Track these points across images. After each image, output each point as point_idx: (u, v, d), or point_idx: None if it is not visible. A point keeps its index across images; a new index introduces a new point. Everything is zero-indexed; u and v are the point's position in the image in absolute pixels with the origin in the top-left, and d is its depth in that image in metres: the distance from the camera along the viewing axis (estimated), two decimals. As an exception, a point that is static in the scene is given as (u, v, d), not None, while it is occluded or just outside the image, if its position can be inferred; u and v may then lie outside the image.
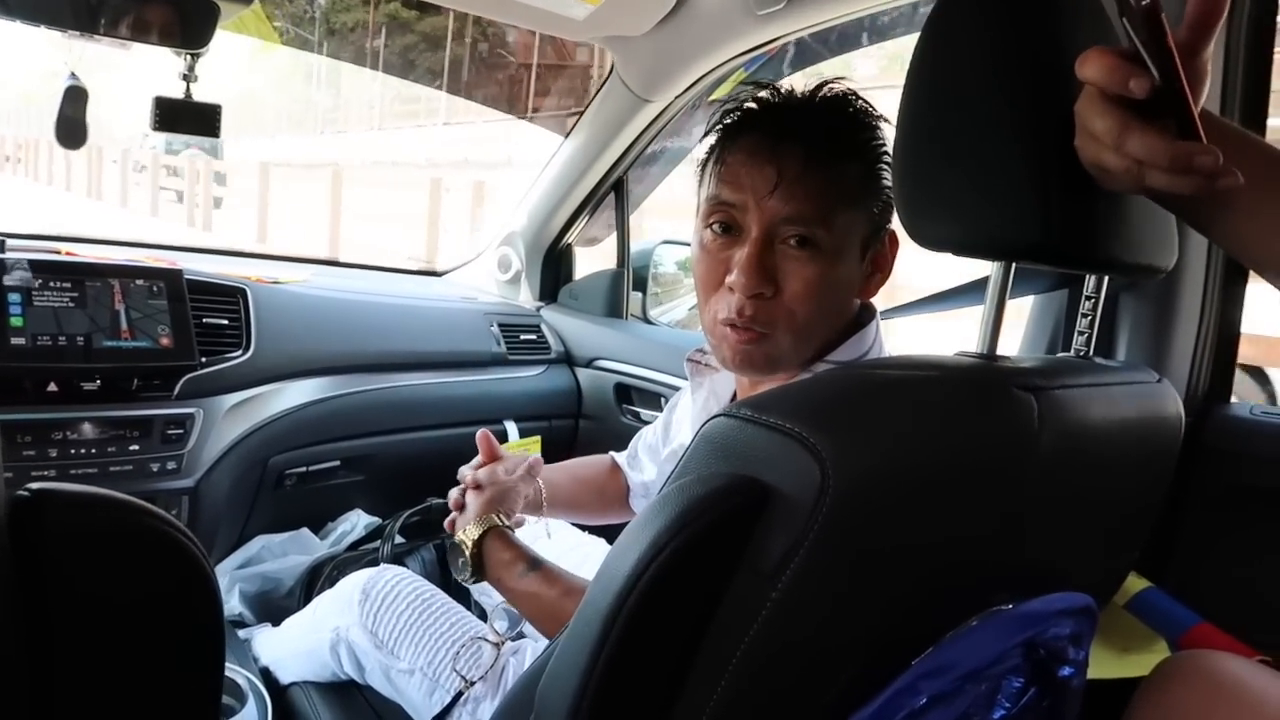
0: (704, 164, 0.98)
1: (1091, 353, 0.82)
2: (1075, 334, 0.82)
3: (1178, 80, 0.54)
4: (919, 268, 1.16)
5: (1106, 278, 0.82)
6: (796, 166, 0.89)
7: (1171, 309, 1.07)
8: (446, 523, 1.21)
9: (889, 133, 0.93)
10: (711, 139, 0.97)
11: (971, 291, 1.08)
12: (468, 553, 1.12)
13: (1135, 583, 1.05)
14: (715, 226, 0.94)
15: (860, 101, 0.94)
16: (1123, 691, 0.86)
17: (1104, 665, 0.97)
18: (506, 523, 1.15)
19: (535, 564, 1.08)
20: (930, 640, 0.66)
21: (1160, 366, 1.04)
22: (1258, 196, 0.59)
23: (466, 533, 1.13)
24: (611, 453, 1.43)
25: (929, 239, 0.68)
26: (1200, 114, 0.56)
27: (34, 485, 0.40)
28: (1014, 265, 0.69)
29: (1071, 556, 0.79)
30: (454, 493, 1.23)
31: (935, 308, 1.21)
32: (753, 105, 0.95)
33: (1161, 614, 1.04)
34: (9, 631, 0.37)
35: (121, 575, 0.42)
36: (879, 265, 0.97)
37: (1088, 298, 0.81)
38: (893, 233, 0.97)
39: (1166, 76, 0.54)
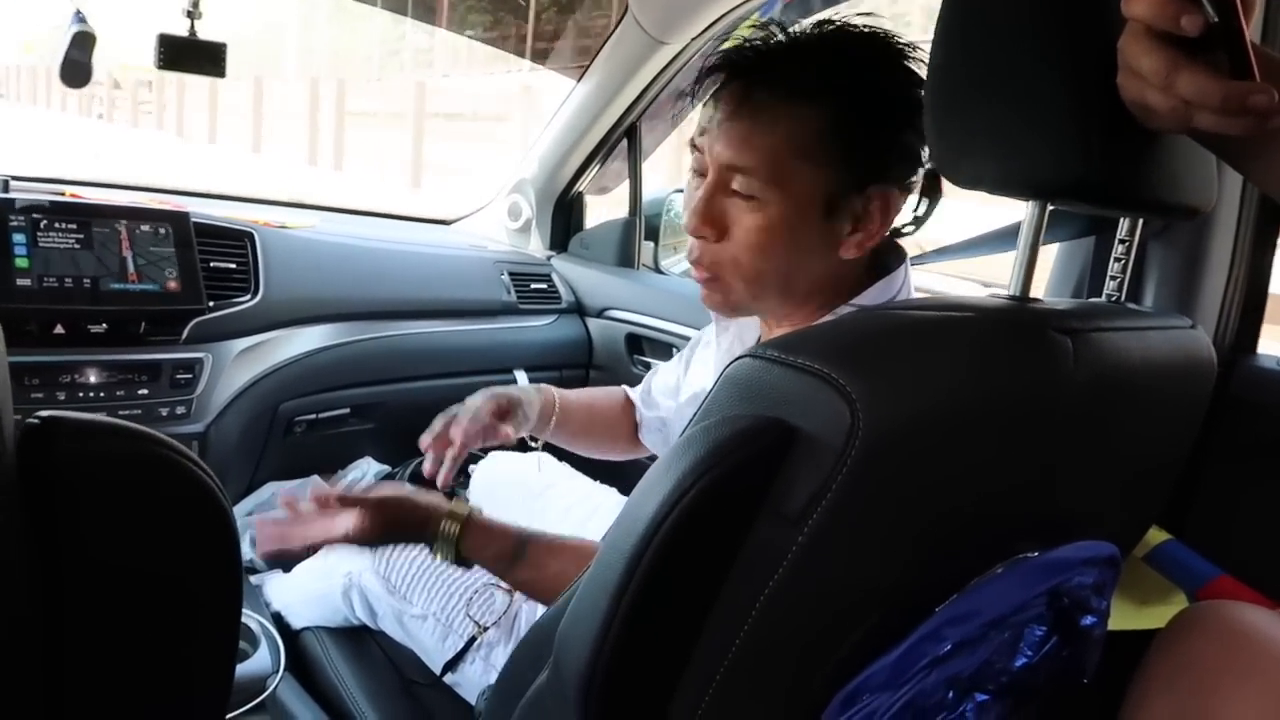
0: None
1: (1124, 299, 0.80)
2: (1107, 279, 0.80)
3: (1235, 17, 0.51)
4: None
5: (1141, 221, 0.79)
6: (734, 104, 0.86)
7: (1201, 257, 1.05)
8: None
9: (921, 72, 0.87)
10: None
11: (1001, 238, 1.06)
12: (451, 554, 1.01)
13: (1155, 535, 1.04)
14: (693, 167, 0.93)
15: (854, 44, 0.87)
16: (1140, 644, 0.86)
17: (1122, 617, 0.97)
18: (471, 507, 1.04)
19: (521, 544, 1.01)
20: (954, 587, 0.65)
21: (1189, 314, 1.02)
22: None
23: (445, 532, 1.01)
24: (624, 387, 1.41)
25: (964, 178, 0.66)
26: None
27: (43, 413, 0.39)
28: (1049, 206, 0.67)
29: (1099, 505, 0.78)
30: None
31: (966, 254, 1.19)
32: (733, 44, 0.91)
33: (1181, 566, 1.03)
34: (20, 561, 0.36)
35: (132, 503, 0.40)
36: (862, 226, 0.88)
37: (1121, 241, 0.79)
38: (887, 194, 0.88)
39: (1223, 13, 0.51)
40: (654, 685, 0.63)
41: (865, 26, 0.88)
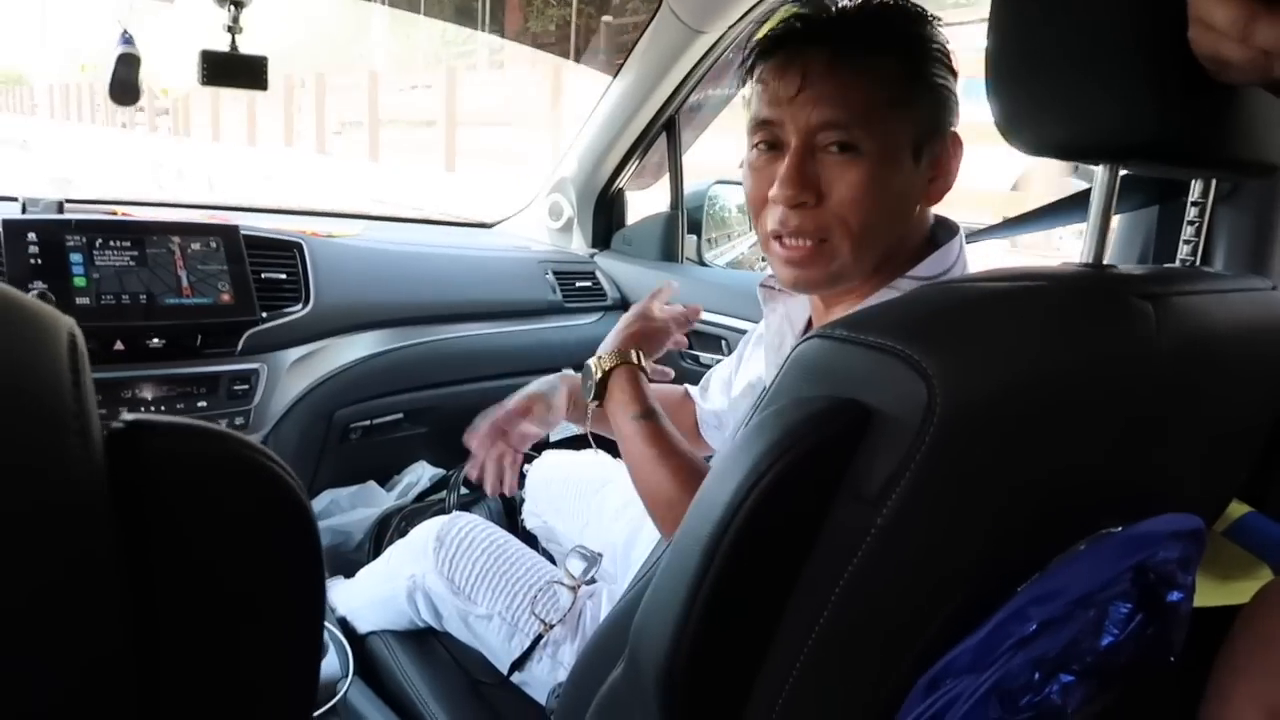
0: (741, 83, 0.96)
1: (1199, 263, 0.77)
2: (1180, 243, 0.78)
3: None
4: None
5: (1214, 183, 0.77)
6: (821, 67, 0.87)
7: (1273, 218, 1.01)
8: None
9: (948, 33, 0.92)
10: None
11: (1062, 211, 1.03)
12: (594, 379, 1.13)
13: (1235, 508, 1.01)
14: (760, 145, 0.93)
15: (899, 3, 0.91)
16: (1224, 620, 0.83)
17: (1205, 593, 0.94)
18: (644, 363, 1.14)
19: (648, 414, 1.07)
20: (1036, 566, 0.63)
21: (1263, 275, 0.99)
22: None
23: (601, 361, 1.13)
24: (685, 385, 1.41)
25: (1030, 143, 0.64)
26: None
27: (128, 416, 0.38)
28: (1120, 170, 0.65)
29: (1183, 476, 0.75)
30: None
31: (1025, 228, 1.16)
32: (781, 20, 0.92)
33: (1264, 539, 1.00)
34: (115, 574, 0.36)
35: (222, 508, 0.40)
36: (940, 169, 0.94)
37: (1194, 204, 0.77)
38: (955, 135, 0.93)
39: None
40: (734, 674, 0.62)
41: None
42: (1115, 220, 1.14)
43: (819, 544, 0.59)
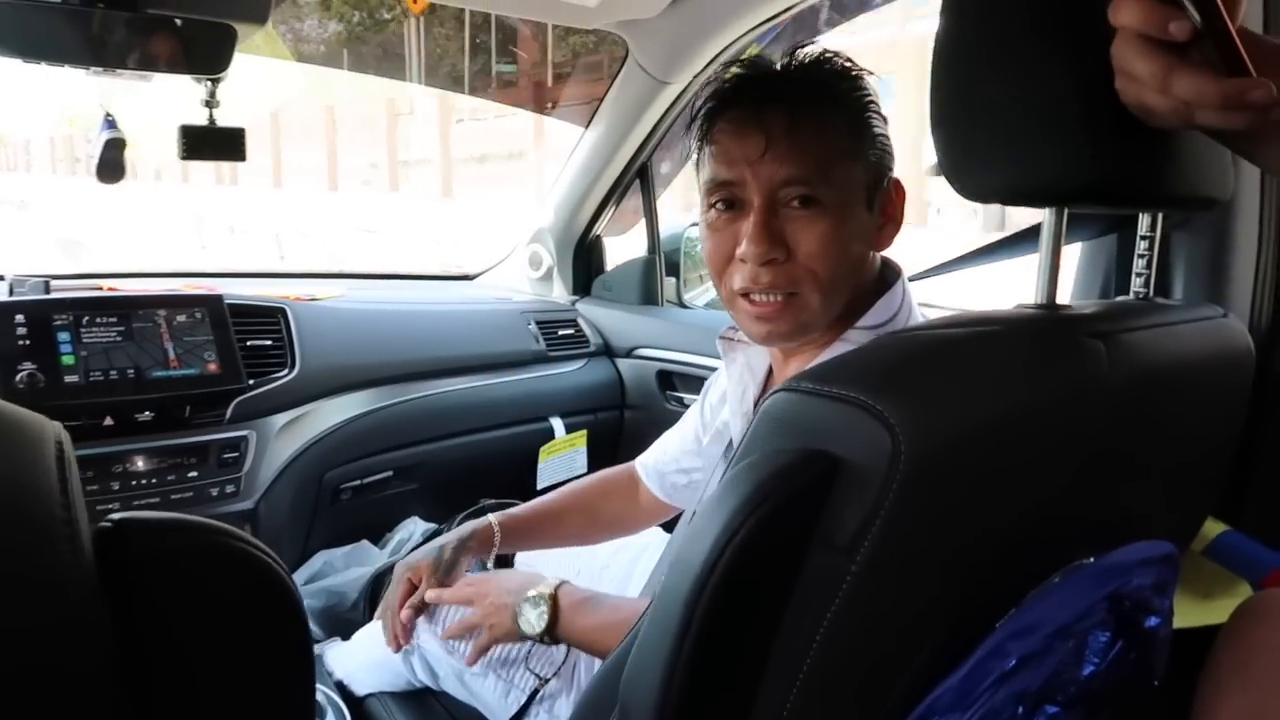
0: (698, 148, 0.98)
1: (1153, 293, 0.80)
2: (1133, 276, 0.80)
3: (1220, 20, 0.52)
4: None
5: (1162, 215, 0.79)
6: (782, 126, 0.89)
7: (1228, 243, 1.04)
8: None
9: (873, 84, 0.96)
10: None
11: (1014, 244, 1.05)
12: (541, 630, 1.12)
13: (1212, 527, 1.02)
14: (718, 205, 0.94)
15: (838, 58, 0.94)
16: (1207, 637, 0.84)
17: (1186, 613, 0.95)
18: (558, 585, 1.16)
19: (598, 603, 1.10)
20: (1012, 601, 0.65)
21: (1221, 302, 1.01)
22: None
23: (532, 615, 1.13)
24: (633, 463, 1.41)
25: (974, 190, 0.66)
26: (1239, 31, 0.54)
27: (115, 516, 0.40)
28: (1066, 211, 0.67)
29: (1149, 503, 0.77)
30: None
31: (975, 263, 1.18)
32: (729, 82, 0.95)
33: (1242, 557, 1.01)
34: (104, 655, 0.37)
35: (208, 597, 0.42)
36: (889, 215, 0.97)
37: (1144, 237, 0.79)
38: (897, 181, 0.97)
39: (1208, 15, 0.52)
40: (723, 725, 0.63)
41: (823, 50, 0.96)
42: (1076, 249, 1.17)
43: (797, 593, 0.60)
